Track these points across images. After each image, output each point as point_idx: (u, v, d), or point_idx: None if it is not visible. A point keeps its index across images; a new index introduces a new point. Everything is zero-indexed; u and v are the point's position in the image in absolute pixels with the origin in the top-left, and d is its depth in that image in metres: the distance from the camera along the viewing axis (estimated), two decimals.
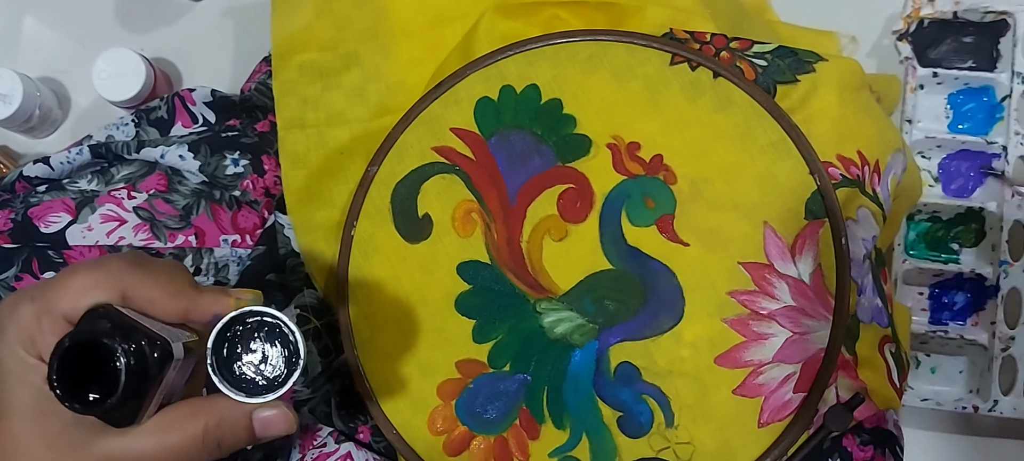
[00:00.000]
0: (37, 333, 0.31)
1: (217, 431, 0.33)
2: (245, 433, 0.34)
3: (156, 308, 0.32)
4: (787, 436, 0.41)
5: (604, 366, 0.43)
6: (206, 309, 0.33)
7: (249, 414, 0.34)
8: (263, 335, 0.33)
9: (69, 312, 0.31)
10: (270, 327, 0.33)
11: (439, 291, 0.44)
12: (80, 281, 0.31)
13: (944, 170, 0.57)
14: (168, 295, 0.32)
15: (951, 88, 0.57)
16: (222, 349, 0.33)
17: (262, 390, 0.33)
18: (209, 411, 0.33)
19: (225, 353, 0.33)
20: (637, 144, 0.45)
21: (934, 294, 0.56)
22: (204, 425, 0.33)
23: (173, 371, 0.31)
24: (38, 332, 0.31)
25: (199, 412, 0.33)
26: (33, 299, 0.31)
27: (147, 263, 0.33)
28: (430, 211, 0.45)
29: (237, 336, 0.33)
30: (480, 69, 0.46)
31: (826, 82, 0.44)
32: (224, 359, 0.33)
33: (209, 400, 0.33)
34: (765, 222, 0.43)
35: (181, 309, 0.32)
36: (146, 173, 0.49)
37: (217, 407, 0.33)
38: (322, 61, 0.49)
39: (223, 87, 0.54)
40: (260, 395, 0.33)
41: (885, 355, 0.45)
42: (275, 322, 0.33)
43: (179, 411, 0.33)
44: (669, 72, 0.45)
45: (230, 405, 0.33)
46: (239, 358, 0.33)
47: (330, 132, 0.48)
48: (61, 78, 0.59)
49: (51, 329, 0.31)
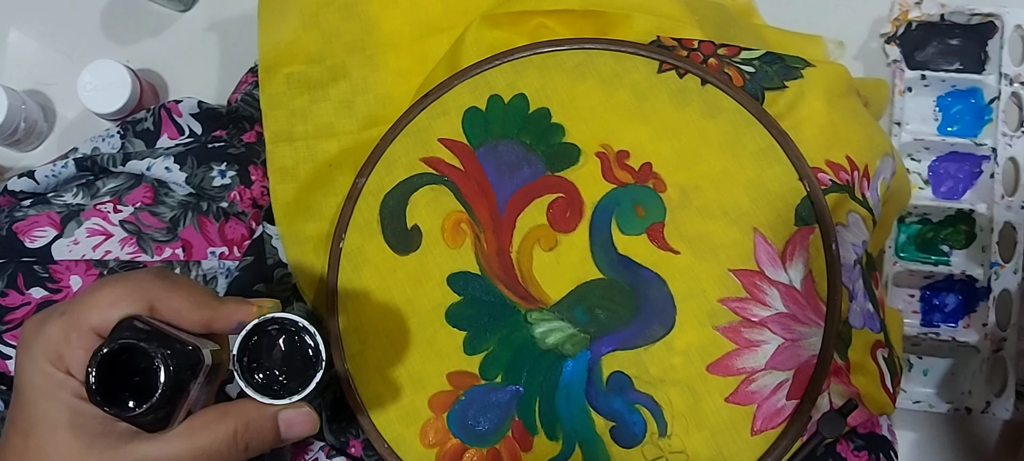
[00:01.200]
0: (65, 348, 0.32)
1: (245, 433, 0.35)
2: (271, 434, 0.36)
3: (181, 318, 0.33)
4: (780, 443, 0.41)
5: (596, 376, 0.42)
6: (229, 318, 0.34)
7: (275, 416, 0.36)
8: (284, 340, 0.35)
9: (99, 326, 0.32)
10: (290, 332, 0.35)
11: (429, 303, 0.44)
12: (108, 295, 0.32)
13: (934, 172, 0.57)
14: (192, 306, 0.34)
15: (939, 91, 0.57)
16: (245, 355, 0.35)
17: (286, 393, 0.35)
18: (237, 414, 0.34)
19: (248, 359, 0.35)
20: (626, 152, 0.44)
21: (925, 296, 0.56)
22: (234, 427, 0.34)
23: (202, 377, 0.33)
24: (66, 347, 0.32)
25: (228, 415, 0.34)
26: (62, 314, 0.32)
27: (172, 276, 0.34)
28: (419, 222, 0.45)
29: (259, 342, 0.35)
30: (467, 79, 0.46)
31: (814, 88, 0.44)
32: (247, 365, 0.35)
33: (236, 404, 0.35)
34: (755, 229, 0.43)
35: (205, 319, 0.34)
36: (132, 186, 0.49)
37: (244, 410, 0.35)
38: (309, 73, 0.49)
39: (209, 98, 0.53)
40: (284, 397, 0.35)
41: (878, 360, 0.45)
42: (296, 327, 0.35)
43: (207, 416, 0.34)
44: (657, 80, 0.45)
45: (256, 408, 0.35)
46: (261, 363, 0.35)
47: (319, 145, 0.48)
48: (46, 91, 0.59)
49: (80, 344, 0.32)
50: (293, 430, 0.36)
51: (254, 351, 0.35)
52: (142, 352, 0.31)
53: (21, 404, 0.33)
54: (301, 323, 0.35)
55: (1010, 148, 0.55)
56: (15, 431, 0.33)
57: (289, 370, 0.35)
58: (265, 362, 0.35)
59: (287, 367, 0.35)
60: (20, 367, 0.33)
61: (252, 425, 0.35)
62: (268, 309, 0.35)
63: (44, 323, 0.32)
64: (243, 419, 0.35)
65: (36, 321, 0.33)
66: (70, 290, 0.46)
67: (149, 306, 0.33)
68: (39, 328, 0.32)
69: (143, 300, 0.33)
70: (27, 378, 0.32)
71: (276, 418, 0.35)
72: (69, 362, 0.32)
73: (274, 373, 0.35)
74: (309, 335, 0.35)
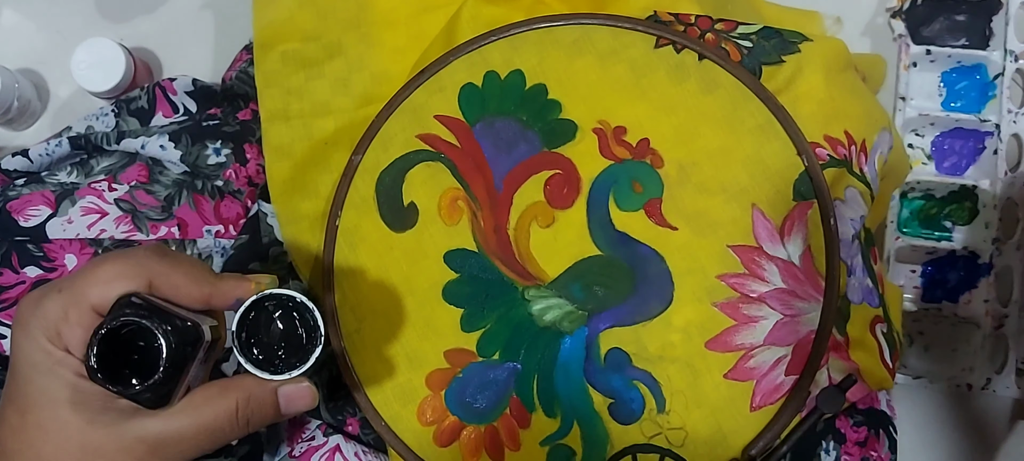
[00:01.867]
0: (63, 325, 0.32)
1: (246, 408, 0.35)
2: (272, 409, 0.36)
3: (181, 295, 0.33)
4: (779, 419, 0.41)
5: (594, 353, 0.42)
6: (228, 294, 0.34)
7: (275, 391, 0.36)
8: (281, 316, 0.36)
9: (98, 303, 0.32)
10: (288, 308, 0.35)
11: (426, 280, 0.44)
12: (107, 272, 0.32)
13: (937, 148, 0.57)
14: (191, 282, 0.33)
15: (944, 66, 0.57)
16: (243, 331, 0.35)
17: (285, 368, 0.35)
18: (238, 389, 0.35)
19: (246, 335, 0.35)
20: (623, 128, 0.44)
21: (927, 272, 0.56)
22: (235, 402, 0.34)
23: (201, 354, 0.33)
24: (65, 324, 0.32)
25: (229, 390, 0.34)
26: (60, 291, 0.32)
27: (170, 253, 0.34)
28: (416, 199, 0.45)
29: (257, 318, 0.35)
30: (464, 55, 0.46)
31: (812, 62, 0.44)
32: (246, 340, 0.35)
33: (237, 379, 0.35)
34: (753, 204, 0.42)
35: (204, 295, 0.34)
36: (127, 164, 0.48)
37: (245, 385, 0.35)
38: (305, 51, 0.48)
39: (204, 76, 0.53)
40: (284, 372, 0.35)
41: (877, 335, 0.44)
42: (294, 302, 0.35)
43: (208, 391, 0.34)
44: (654, 55, 0.45)
45: (257, 383, 0.35)
46: (260, 339, 0.35)
47: (315, 123, 0.48)
48: (40, 69, 0.58)
49: (78, 321, 0.32)
50: (293, 405, 0.36)
51: (252, 327, 0.35)
52: (143, 329, 0.31)
53: (18, 382, 0.32)
54: (299, 298, 0.35)
55: (1014, 124, 0.55)
56: (12, 409, 0.33)
57: (287, 346, 0.35)
58: (263, 338, 0.35)
59: (285, 343, 0.35)
60: (17, 345, 0.32)
61: (253, 400, 0.35)
62: (266, 285, 0.35)
63: (41, 300, 0.32)
64: (244, 394, 0.35)
65: (33, 298, 0.32)
66: (65, 269, 0.46)
67: (148, 283, 0.33)
68: (36, 305, 0.32)
69: (142, 277, 0.32)
70: (24, 356, 0.32)
71: (276, 393, 0.36)
72: (67, 339, 0.32)
73: (272, 349, 0.35)
74: (307, 311, 0.35)
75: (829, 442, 0.43)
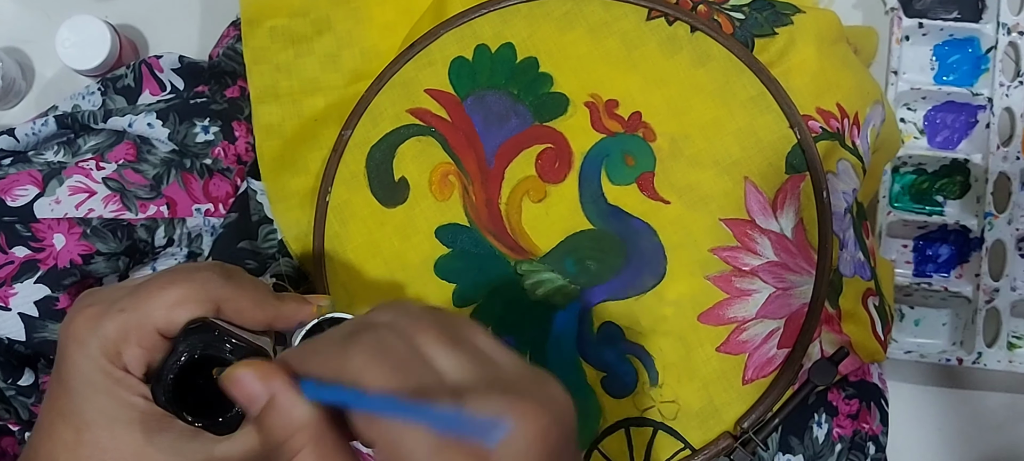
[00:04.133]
0: (124, 346, 0.31)
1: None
2: None
3: (244, 318, 0.33)
4: (772, 392, 0.41)
5: (587, 327, 0.42)
6: (291, 318, 0.34)
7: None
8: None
9: (163, 327, 0.31)
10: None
11: (418, 256, 0.44)
12: (173, 295, 0.31)
13: (929, 122, 0.56)
14: (256, 306, 0.33)
15: (937, 39, 0.56)
16: None
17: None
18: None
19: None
20: (615, 102, 0.44)
21: (918, 246, 0.56)
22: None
23: None
24: (125, 345, 0.31)
25: None
26: (122, 310, 0.31)
27: (234, 274, 0.34)
28: (406, 175, 0.44)
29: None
30: (454, 28, 0.45)
31: (804, 34, 0.44)
32: None
33: None
34: (746, 178, 0.42)
35: (268, 319, 0.33)
36: (114, 143, 0.48)
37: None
38: (293, 26, 0.48)
39: (191, 53, 0.52)
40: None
41: (869, 308, 0.44)
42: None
43: None
44: (646, 28, 0.44)
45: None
46: None
47: (305, 100, 0.47)
48: (24, 48, 0.57)
49: (141, 342, 0.31)
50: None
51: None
52: (218, 360, 0.31)
53: (74, 399, 0.32)
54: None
55: (1006, 98, 0.54)
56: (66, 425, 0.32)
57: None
58: None
59: None
60: (72, 361, 0.32)
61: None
62: (326, 308, 0.36)
63: (102, 319, 0.31)
64: None
65: (91, 316, 0.32)
66: (53, 248, 0.46)
67: (215, 307, 0.32)
68: (96, 324, 0.31)
69: (210, 301, 0.32)
70: (81, 373, 0.31)
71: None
72: (127, 360, 0.31)
73: None
74: None
75: (821, 414, 0.43)
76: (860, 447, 0.42)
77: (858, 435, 0.42)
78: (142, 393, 0.32)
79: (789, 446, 0.42)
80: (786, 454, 0.42)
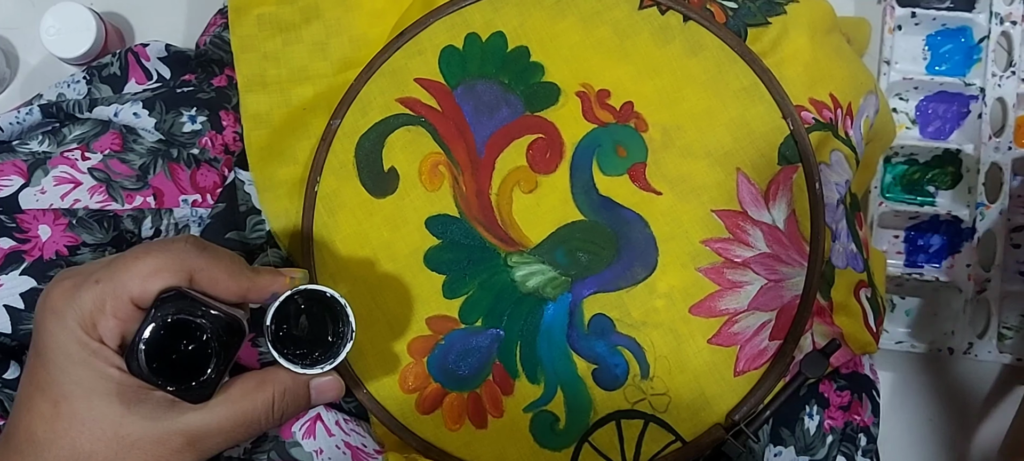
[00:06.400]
0: (100, 316, 0.31)
1: (282, 401, 0.36)
2: (305, 401, 0.37)
3: (219, 289, 0.33)
4: (763, 384, 0.41)
5: (578, 319, 0.42)
6: (265, 289, 0.35)
7: (308, 383, 0.37)
8: (312, 310, 0.36)
9: (138, 296, 0.31)
10: (318, 302, 0.36)
11: (407, 246, 0.43)
12: (148, 265, 0.32)
13: (921, 112, 0.56)
14: (230, 277, 0.34)
15: (929, 29, 0.56)
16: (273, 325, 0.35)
17: (317, 361, 0.36)
18: (275, 382, 0.36)
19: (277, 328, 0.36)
20: (607, 92, 0.43)
21: (910, 237, 0.56)
22: (272, 395, 0.35)
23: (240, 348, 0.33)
24: (101, 315, 0.31)
25: (266, 383, 0.35)
26: (97, 282, 0.32)
27: (209, 246, 0.34)
28: (396, 164, 0.44)
29: (289, 312, 0.36)
30: (444, 17, 0.45)
31: (797, 24, 0.43)
32: (278, 334, 0.36)
33: (272, 372, 0.36)
34: (738, 169, 0.42)
35: (242, 290, 0.34)
36: (100, 132, 0.47)
37: (281, 378, 0.36)
38: (281, 14, 0.47)
39: (177, 42, 0.51)
40: (317, 366, 0.36)
41: (861, 300, 0.44)
42: (325, 297, 0.36)
43: (246, 384, 0.35)
44: (638, 17, 0.44)
45: (292, 376, 0.36)
46: (291, 333, 0.36)
47: (293, 89, 0.47)
48: (8, 35, 0.57)
49: (116, 312, 0.31)
50: (323, 396, 0.37)
51: (285, 321, 0.36)
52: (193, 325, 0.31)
53: (50, 370, 0.32)
54: (330, 293, 0.36)
55: (999, 88, 0.54)
56: (43, 398, 0.32)
57: (312, 338, 0.36)
58: (292, 332, 0.36)
59: (310, 335, 0.36)
60: (49, 332, 0.32)
61: (289, 393, 0.36)
62: (300, 280, 0.36)
63: (77, 290, 0.32)
64: (280, 387, 0.35)
65: (67, 287, 0.32)
66: (38, 239, 0.45)
67: (189, 277, 0.32)
68: (72, 295, 0.32)
69: (183, 271, 0.32)
70: (57, 345, 0.32)
71: (309, 385, 0.37)
72: (102, 331, 0.31)
73: (300, 342, 0.36)
74: (338, 306, 0.36)
75: (812, 406, 0.43)
76: (851, 438, 0.42)
77: (849, 427, 0.42)
78: (118, 364, 0.32)
79: (780, 438, 0.42)
80: (777, 446, 0.42)
